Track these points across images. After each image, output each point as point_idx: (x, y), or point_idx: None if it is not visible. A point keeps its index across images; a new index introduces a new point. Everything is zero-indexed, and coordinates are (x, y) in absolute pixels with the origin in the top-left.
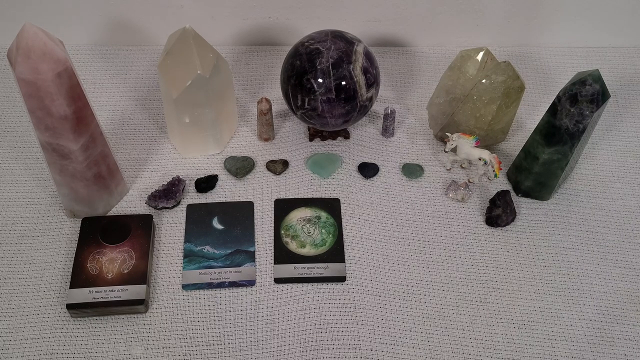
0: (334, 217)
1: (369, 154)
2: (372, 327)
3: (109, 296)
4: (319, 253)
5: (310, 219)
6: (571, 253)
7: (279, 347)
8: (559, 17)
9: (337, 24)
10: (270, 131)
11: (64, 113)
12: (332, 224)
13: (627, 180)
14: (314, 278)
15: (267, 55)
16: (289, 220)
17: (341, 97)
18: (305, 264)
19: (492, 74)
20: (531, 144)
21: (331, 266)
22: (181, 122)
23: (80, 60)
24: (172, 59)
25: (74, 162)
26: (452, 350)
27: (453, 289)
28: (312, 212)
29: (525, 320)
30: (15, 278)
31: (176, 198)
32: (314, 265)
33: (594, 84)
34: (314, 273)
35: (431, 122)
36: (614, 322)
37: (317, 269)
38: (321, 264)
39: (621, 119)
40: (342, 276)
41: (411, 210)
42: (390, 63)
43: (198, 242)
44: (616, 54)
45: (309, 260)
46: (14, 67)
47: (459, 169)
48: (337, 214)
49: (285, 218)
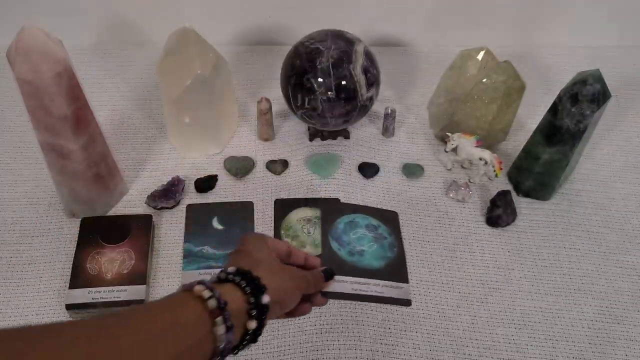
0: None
1: (369, 154)
2: (373, 328)
3: (108, 296)
4: (319, 253)
5: (310, 219)
6: (572, 253)
7: (279, 348)
8: (560, 17)
9: (338, 24)
10: (270, 131)
11: (64, 113)
12: None
13: (628, 180)
14: None
15: (267, 55)
16: (289, 220)
17: (341, 97)
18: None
19: (493, 73)
20: (532, 143)
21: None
22: (181, 122)
23: (80, 60)
24: (172, 58)
25: (73, 162)
26: (453, 350)
27: (453, 289)
28: (312, 212)
29: (525, 320)
30: (14, 278)
31: (176, 198)
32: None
33: (594, 83)
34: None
35: (432, 122)
36: (615, 323)
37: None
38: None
39: (622, 118)
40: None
41: (411, 211)
42: (391, 63)
43: (198, 242)
44: (617, 54)
45: None
46: (13, 67)
47: (460, 169)
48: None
49: (285, 218)
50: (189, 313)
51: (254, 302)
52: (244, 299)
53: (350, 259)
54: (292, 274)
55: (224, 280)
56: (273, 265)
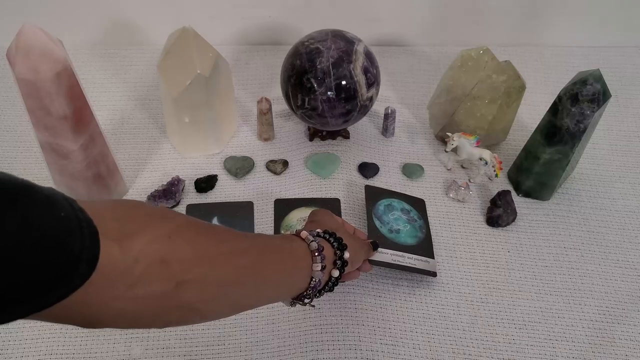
0: None
1: (369, 154)
2: (373, 328)
3: None
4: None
5: None
6: (572, 253)
7: (279, 348)
8: (560, 17)
9: (338, 24)
10: (270, 131)
11: (63, 113)
12: None
13: (628, 180)
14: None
15: (267, 55)
16: (289, 220)
17: (341, 97)
18: None
19: (493, 73)
20: (532, 143)
21: None
22: (181, 121)
23: (80, 60)
24: (171, 58)
25: (73, 161)
26: (453, 350)
27: (454, 289)
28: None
29: (526, 320)
30: None
31: (176, 198)
32: None
33: (595, 83)
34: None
35: (432, 122)
36: (615, 323)
37: None
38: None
39: (622, 118)
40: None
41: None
42: (391, 63)
43: None
44: (617, 54)
45: None
46: (13, 67)
47: (460, 169)
48: (337, 214)
49: (285, 218)
50: (299, 247)
51: (339, 255)
52: (333, 251)
53: (390, 235)
54: (359, 240)
55: (317, 235)
56: (346, 233)
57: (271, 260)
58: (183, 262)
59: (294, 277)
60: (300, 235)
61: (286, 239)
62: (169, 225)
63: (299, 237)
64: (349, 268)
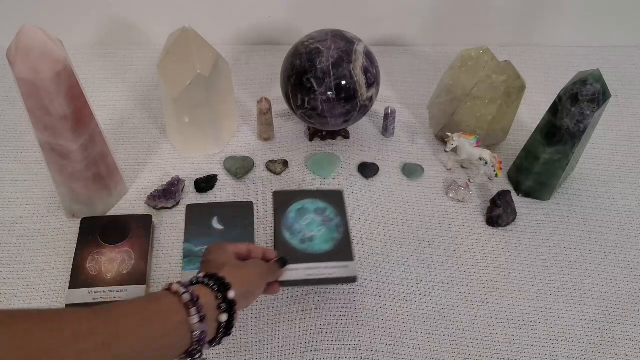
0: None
1: (369, 154)
2: (373, 328)
3: (108, 296)
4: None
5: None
6: (572, 253)
7: (279, 348)
8: (560, 17)
9: (338, 24)
10: (270, 131)
11: (63, 113)
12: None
13: (628, 180)
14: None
15: (267, 55)
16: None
17: (341, 97)
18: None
19: (493, 73)
20: (532, 143)
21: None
22: (181, 121)
23: (80, 60)
24: (171, 58)
25: (73, 161)
26: (453, 350)
27: (454, 289)
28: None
29: (526, 320)
30: (14, 278)
31: (176, 198)
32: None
33: (594, 83)
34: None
35: (432, 122)
36: (615, 323)
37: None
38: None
39: (622, 118)
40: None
41: (411, 211)
42: (390, 63)
43: (198, 242)
44: (617, 54)
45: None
46: (13, 67)
47: (460, 169)
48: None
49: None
50: (168, 303)
51: (222, 298)
52: (214, 296)
53: (302, 246)
54: (253, 267)
55: (195, 283)
56: (235, 265)
57: (132, 328)
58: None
59: (168, 337)
60: (171, 289)
61: (152, 299)
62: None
63: (169, 292)
64: (244, 302)
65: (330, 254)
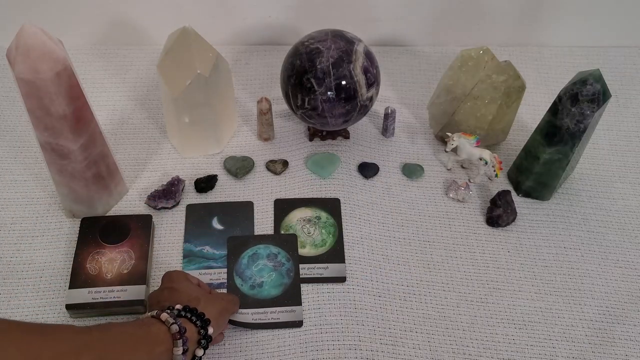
0: (334, 217)
1: (369, 154)
2: (373, 328)
3: (108, 296)
4: (319, 253)
5: (310, 219)
6: (572, 253)
7: (279, 348)
8: (560, 17)
9: (337, 24)
10: (270, 131)
11: (63, 113)
12: (332, 224)
13: (628, 180)
14: (314, 278)
15: (267, 55)
16: (289, 220)
17: (341, 97)
18: (305, 265)
19: (493, 73)
20: (532, 143)
21: (331, 266)
22: (181, 121)
23: (80, 60)
24: (171, 58)
25: (73, 161)
26: (453, 350)
27: (453, 289)
28: (312, 212)
29: (525, 320)
30: (14, 278)
31: (176, 198)
32: (314, 266)
33: (595, 83)
34: (314, 273)
35: (431, 122)
36: (615, 323)
37: (317, 269)
38: (321, 264)
39: (622, 118)
40: (342, 276)
41: (411, 211)
42: (390, 63)
43: (198, 242)
44: (617, 54)
45: (308, 260)
46: (13, 67)
47: (460, 169)
48: (337, 214)
49: (285, 218)
50: (156, 332)
51: (203, 334)
52: (196, 330)
53: (251, 292)
54: (226, 298)
55: (177, 315)
56: (208, 298)
57: (120, 353)
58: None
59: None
60: (160, 317)
61: (141, 325)
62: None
63: (158, 320)
64: (216, 332)
65: (279, 298)
